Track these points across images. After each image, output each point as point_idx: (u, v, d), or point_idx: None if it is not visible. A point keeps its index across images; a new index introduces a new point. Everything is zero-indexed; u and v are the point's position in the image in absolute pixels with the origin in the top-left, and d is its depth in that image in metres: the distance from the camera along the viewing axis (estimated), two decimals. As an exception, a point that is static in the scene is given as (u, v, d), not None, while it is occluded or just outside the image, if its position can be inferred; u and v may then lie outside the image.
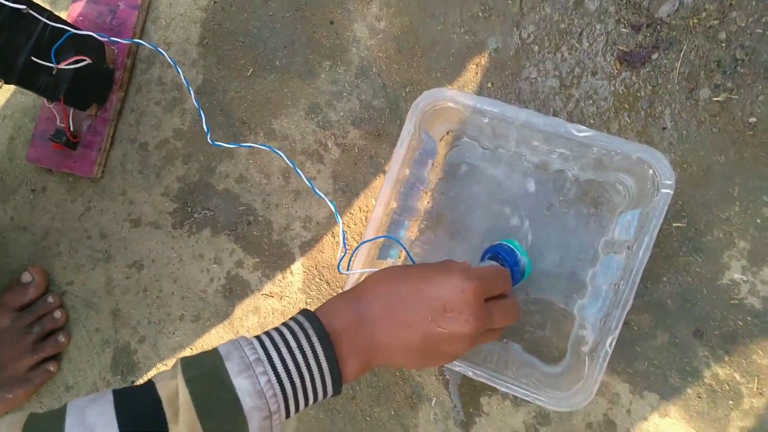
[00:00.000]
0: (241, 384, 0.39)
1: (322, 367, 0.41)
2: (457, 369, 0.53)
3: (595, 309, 0.54)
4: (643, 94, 0.61)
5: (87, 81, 0.71)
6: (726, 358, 0.59)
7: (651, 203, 0.48)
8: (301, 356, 0.41)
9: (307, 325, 0.42)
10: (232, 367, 0.39)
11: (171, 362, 0.72)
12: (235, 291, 0.71)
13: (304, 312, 0.44)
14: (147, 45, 0.60)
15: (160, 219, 0.75)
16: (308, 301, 0.69)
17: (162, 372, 0.42)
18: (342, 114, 0.70)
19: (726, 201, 0.59)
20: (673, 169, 0.48)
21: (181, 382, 0.39)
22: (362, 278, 0.54)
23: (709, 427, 0.59)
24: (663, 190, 0.48)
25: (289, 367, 0.40)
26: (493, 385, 0.52)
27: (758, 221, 0.59)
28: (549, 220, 0.62)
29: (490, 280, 0.47)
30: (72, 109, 0.74)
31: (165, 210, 0.75)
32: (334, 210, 0.56)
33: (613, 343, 0.49)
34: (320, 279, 0.69)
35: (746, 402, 0.58)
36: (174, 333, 0.72)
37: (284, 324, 0.44)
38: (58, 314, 0.74)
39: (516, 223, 0.62)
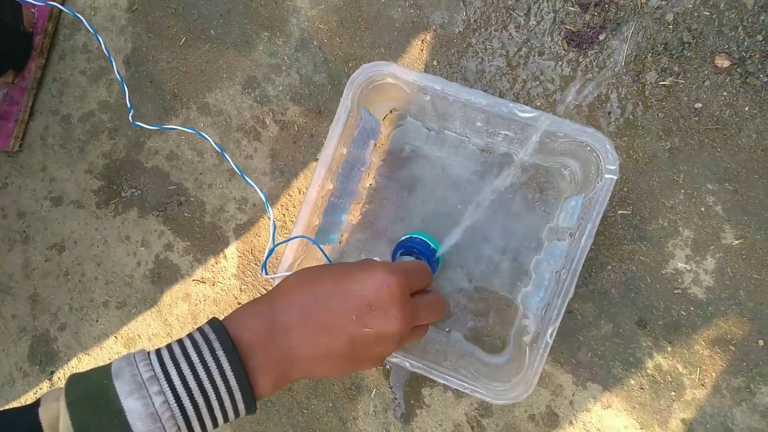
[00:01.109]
0: (131, 406, 0.35)
1: (229, 383, 0.38)
2: (394, 360, 0.52)
3: (537, 298, 0.54)
4: (590, 76, 0.61)
5: (2, 44, 0.67)
6: (669, 349, 0.60)
7: (594, 189, 0.48)
8: (204, 372, 0.37)
9: (212, 336, 0.39)
10: (122, 387, 0.36)
11: (94, 352, 0.70)
12: (164, 276, 0.69)
13: (211, 321, 0.41)
14: (66, 9, 0.57)
15: (83, 198, 0.72)
16: (243, 287, 0.68)
17: (51, 390, 0.38)
18: (281, 89, 0.68)
19: (671, 188, 0.60)
20: (617, 154, 0.48)
21: (62, 406, 0.35)
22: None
23: (651, 418, 0.60)
24: (606, 176, 0.48)
25: (190, 385, 0.37)
26: (430, 377, 0.51)
27: (702, 209, 0.60)
28: (494, 206, 0.62)
29: (414, 274, 0.45)
30: (-16, 76, 0.71)
31: (89, 188, 0.72)
32: (264, 200, 0.55)
33: (554, 334, 0.49)
34: (256, 264, 0.68)
35: (688, 393, 0.60)
36: (97, 320, 0.70)
37: (188, 335, 0.40)
38: (-31, 300, 0.71)
39: (460, 208, 0.62)
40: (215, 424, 0.38)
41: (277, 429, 0.66)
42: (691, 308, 0.60)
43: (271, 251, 0.54)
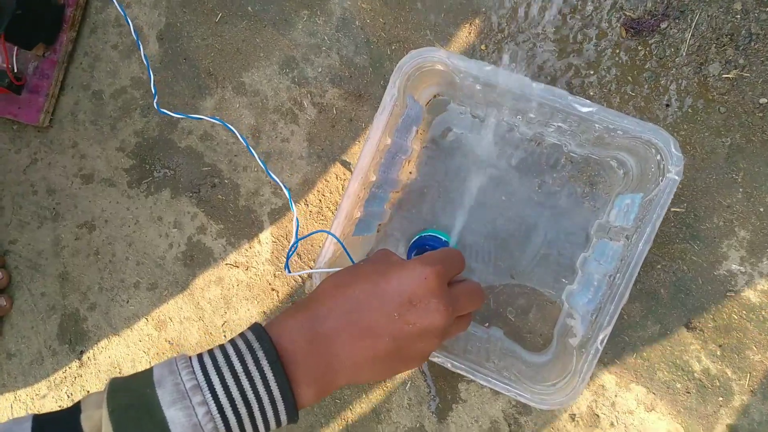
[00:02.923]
0: (174, 416, 0.36)
1: (273, 394, 0.39)
2: (436, 360, 0.53)
3: (585, 299, 0.55)
4: (648, 66, 0.61)
5: (32, 15, 0.69)
6: (718, 353, 0.61)
7: (654, 190, 0.49)
8: (247, 382, 0.38)
9: (255, 344, 0.40)
10: (164, 396, 0.37)
11: (124, 333, 0.73)
12: (197, 259, 0.71)
13: (254, 327, 0.42)
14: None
15: (114, 176, 0.74)
16: (277, 273, 0.70)
17: (92, 395, 0.39)
18: (320, 70, 0.69)
19: (729, 187, 0.61)
20: (681, 153, 0.48)
21: (105, 414, 0.36)
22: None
23: (696, 424, 0.61)
24: (669, 177, 0.48)
25: (233, 395, 0.38)
26: (474, 379, 0.53)
27: (761, 210, 0.60)
28: (539, 198, 0.62)
29: (448, 262, 0.46)
30: (16, 48, 0.73)
31: (120, 166, 0.74)
32: (288, 196, 0.56)
33: (605, 341, 0.49)
34: (290, 250, 0.70)
35: (737, 399, 0.61)
36: (128, 301, 0.73)
37: (230, 342, 0.41)
38: (-1, 276, 0.74)
39: (504, 200, 0.63)
40: None
41: (309, 418, 0.68)
42: (743, 312, 0.61)
43: (293, 248, 0.55)
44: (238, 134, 0.61)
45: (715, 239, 0.61)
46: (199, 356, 0.40)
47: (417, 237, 0.61)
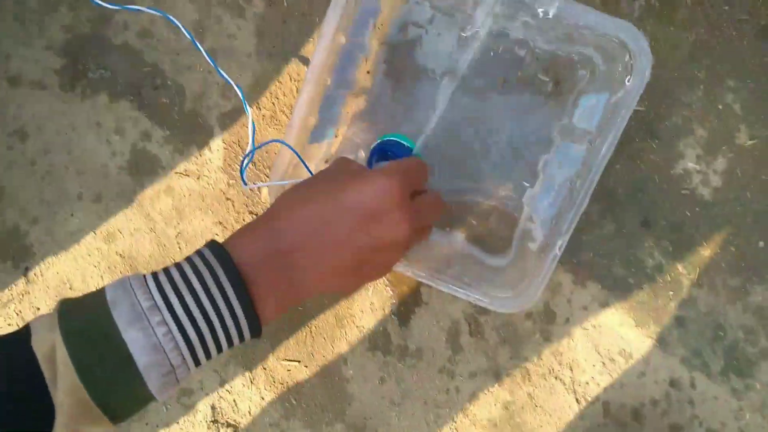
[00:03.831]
0: (133, 337, 0.36)
1: (235, 311, 0.39)
2: (398, 269, 0.54)
3: (545, 203, 0.56)
4: (619, -45, 0.60)
5: None
6: (670, 249, 0.65)
7: (620, 91, 0.49)
8: (207, 300, 0.38)
9: (214, 261, 0.39)
10: (120, 318, 0.36)
11: (72, 248, 0.71)
12: (143, 167, 0.69)
13: (211, 245, 0.41)
14: None
15: (45, 78, 0.69)
16: (230, 182, 0.68)
17: (41, 317, 0.38)
18: (268, -42, 0.65)
19: (690, 84, 0.61)
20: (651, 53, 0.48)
21: (58, 338, 0.35)
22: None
23: (647, 316, 0.65)
24: (637, 79, 0.48)
25: (194, 314, 0.37)
26: (434, 286, 0.54)
27: (719, 107, 0.62)
28: (502, 98, 0.62)
29: (411, 173, 0.46)
30: None
31: (50, 66, 0.69)
32: (242, 98, 0.53)
33: (563, 247, 0.51)
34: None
35: (685, 292, 0.65)
36: (72, 215, 0.70)
37: (187, 259, 0.40)
38: (-75, 190, 0.70)
39: (466, 99, 0.62)
40: (219, 351, 0.40)
41: (272, 325, 0.70)
42: (697, 209, 0.64)
43: (249, 157, 0.54)
44: (182, 27, 0.58)
45: (673, 138, 0.63)
46: (154, 275, 0.39)
47: (378, 142, 0.60)
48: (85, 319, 0.37)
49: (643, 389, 0.66)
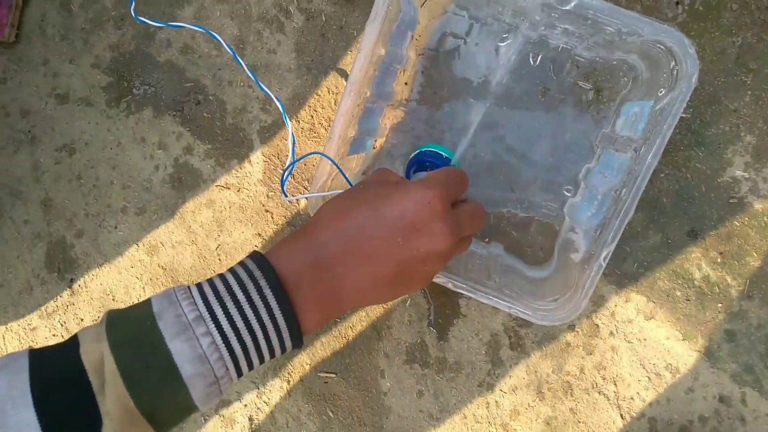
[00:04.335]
0: (178, 348, 0.37)
1: (277, 322, 0.40)
2: (438, 281, 0.54)
3: (588, 213, 0.56)
4: (659, -39, 0.60)
5: None
6: (719, 260, 0.63)
7: (666, 98, 0.48)
8: (251, 311, 0.39)
9: (257, 273, 0.40)
10: (166, 328, 0.37)
11: (115, 259, 0.73)
12: (185, 181, 0.71)
13: (254, 255, 0.42)
14: None
15: (92, 95, 0.72)
16: (270, 194, 0.70)
17: (88, 328, 0.39)
18: (307, -27, 0.67)
19: (737, 89, 0.61)
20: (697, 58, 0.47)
21: (106, 348, 0.37)
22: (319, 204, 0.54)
23: (695, 330, 0.64)
24: (684, 83, 0.47)
25: (238, 325, 0.38)
26: (475, 297, 0.54)
27: (769, 113, 0.61)
28: (542, 107, 0.62)
29: (451, 183, 0.46)
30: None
31: (97, 84, 0.72)
32: (282, 112, 0.55)
33: (608, 257, 0.51)
34: (283, 170, 0.70)
35: (735, 305, 0.63)
36: (116, 227, 0.73)
37: (230, 270, 0.41)
38: (-23, 204, 0.74)
39: (505, 109, 0.63)
40: (261, 362, 0.41)
41: (310, 338, 0.71)
42: (746, 218, 0.62)
43: (289, 169, 0.55)
44: (224, 43, 0.60)
45: (720, 145, 0.62)
46: (199, 286, 0.40)
47: (416, 152, 0.61)
48: (132, 330, 0.38)
49: (691, 405, 0.65)
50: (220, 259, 0.71)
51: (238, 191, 0.70)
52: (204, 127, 0.70)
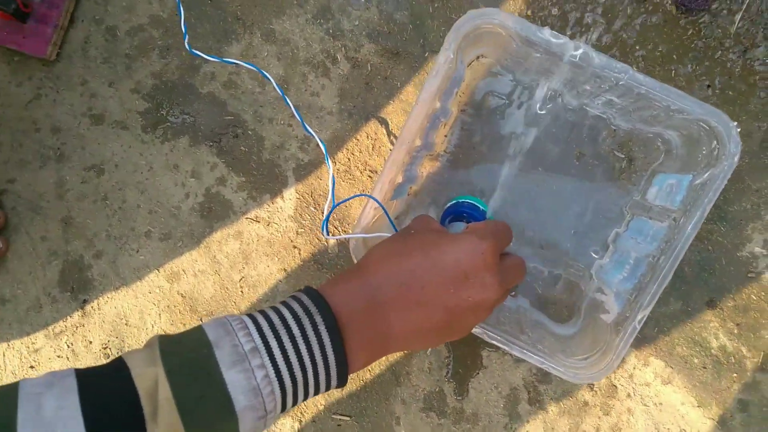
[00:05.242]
0: (233, 379, 0.38)
1: (328, 360, 0.41)
2: (476, 332, 0.57)
3: (620, 276, 0.60)
4: (694, 45, 0.65)
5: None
6: (735, 331, 0.67)
7: (706, 174, 0.53)
8: (305, 347, 0.40)
9: (313, 309, 0.41)
10: (223, 358, 0.38)
11: (133, 283, 0.74)
12: (215, 211, 0.73)
13: (308, 291, 0.43)
14: None
15: (128, 119, 0.74)
16: (299, 231, 0.72)
17: (134, 352, 0.40)
18: (357, 23, 0.71)
19: (760, 171, 0.66)
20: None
21: (161, 374, 0.37)
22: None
23: (710, 397, 0.67)
24: (726, 163, 0.51)
25: (291, 360, 0.39)
26: (509, 351, 0.57)
27: (789, 195, 0.66)
28: (576, 171, 0.66)
29: (500, 236, 0.49)
30: (29, -26, 0.72)
31: (135, 109, 0.74)
32: (324, 151, 0.58)
33: (644, 320, 0.54)
34: (315, 208, 0.72)
35: (749, 375, 0.67)
36: (138, 251, 0.74)
37: (284, 304, 0.43)
38: (-5, 216, 0.74)
39: (540, 170, 0.67)
40: (305, 398, 0.42)
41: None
42: (762, 293, 0.67)
43: (331, 210, 0.57)
44: (273, 82, 0.63)
45: (741, 221, 0.67)
46: (252, 317, 0.41)
47: (453, 202, 0.64)
48: (188, 357, 0.39)
49: (702, 474, 0.68)
50: (242, 292, 0.72)
51: (268, 225, 0.72)
52: (240, 160, 0.73)
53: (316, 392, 0.43)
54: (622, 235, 0.64)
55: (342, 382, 0.43)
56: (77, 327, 0.75)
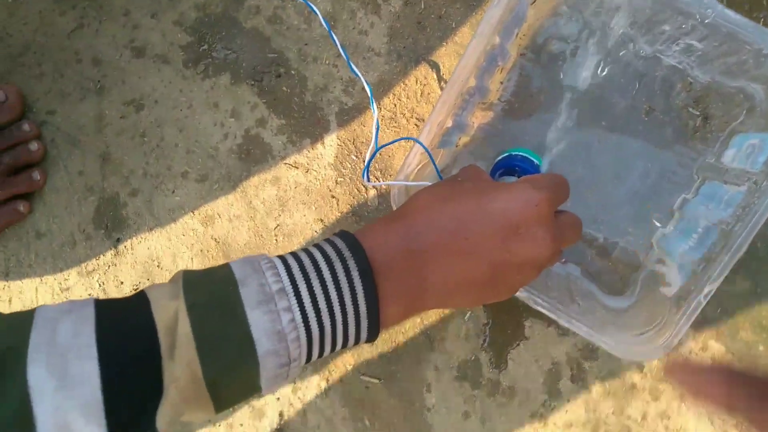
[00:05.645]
0: (258, 320, 0.35)
1: (359, 309, 0.38)
2: (520, 296, 0.53)
3: (686, 246, 0.54)
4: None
5: None
6: (812, 318, 0.61)
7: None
8: (335, 293, 0.37)
9: (347, 253, 0.38)
10: (248, 297, 0.36)
11: (167, 225, 0.72)
12: (253, 154, 0.70)
13: (343, 235, 0.40)
14: None
15: (169, 52, 0.72)
16: (339, 180, 0.69)
17: (158, 286, 0.38)
18: (413, -43, 0.66)
19: None
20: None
21: (182, 308, 0.35)
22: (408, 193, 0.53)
23: (776, 389, 0.61)
24: None
25: (320, 306, 0.37)
26: (559, 320, 0.52)
27: None
28: (644, 128, 0.60)
29: (559, 190, 0.45)
30: None
31: (177, 42, 0.72)
32: (370, 94, 0.53)
33: (710, 295, 0.49)
34: (356, 156, 0.68)
35: (825, 368, 0.61)
36: (174, 191, 0.72)
37: (317, 246, 0.40)
38: (34, 146, 0.73)
39: (604, 124, 0.61)
40: (333, 349, 0.39)
41: (357, 336, 0.69)
42: None
43: (374, 154, 0.53)
44: (320, 17, 0.59)
45: (831, 196, 0.60)
46: (282, 258, 0.39)
47: (505, 155, 0.59)
48: (212, 293, 0.36)
49: (761, 472, 0.62)
50: (276, 240, 0.70)
51: (307, 172, 0.69)
52: (281, 101, 0.69)
53: (345, 344, 0.40)
54: (690, 201, 0.58)
55: (373, 336, 0.40)
56: (109, 266, 0.74)
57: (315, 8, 0.61)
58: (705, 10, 0.46)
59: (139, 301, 0.37)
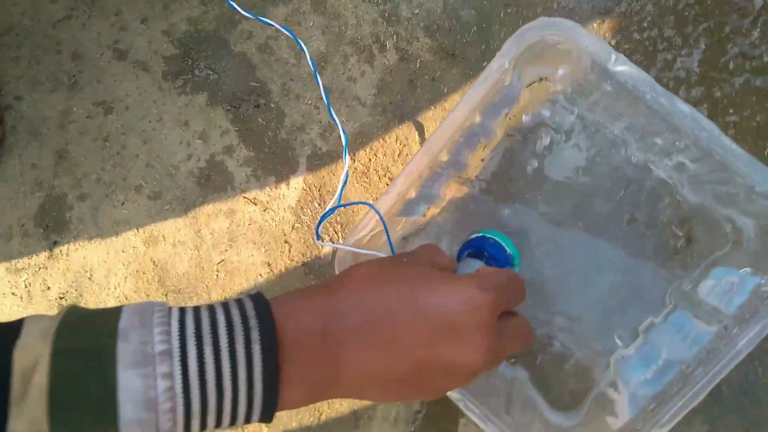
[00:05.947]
0: (128, 382, 0.30)
1: (254, 388, 0.33)
2: (453, 397, 0.48)
3: (642, 376, 0.49)
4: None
5: None
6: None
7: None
8: (229, 365, 0.32)
9: (252, 321, 0.34)
10: (124, 353, 0.31)
11: (109, 237, 0.68)
12: (214, 181, 0.66)
13: (256, 298, 0.36)
14: None
15: (151, 61, 0.69)
16: (296, 225, 0.65)
17: (39, 317, 0.33)
18: (417, 12, 0.63)
19: None
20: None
21: (45, 354, 0.30)
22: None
23: None
24: None
25: (207, 377, 0.32)
26: (485, 429, 0.47)
27: None
28: (623, 237, 0.56)
29: (507, 292, 0.40)
30: None
31: (161, 52, 0.69)
32: (344, 143, 0.50)
33: (656, 442, 0.44)
34: (319, 205, 0.64)
35: None
36: (123, 204, 0.68)
37: (223, 305, 0.35)
38: (-7, 129, 0.70)
39: (581, 225, 0.57)
40: (218, 426, 0.34)
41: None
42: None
43: (332, 210, 0.50)
44: (308, 55, 0.56)
45: (809, 349, 0.55)
46: (182, 312, 0.34)
47: (479, 235, 0.55)
48: (85, 340, 0.32)
49: None
50: (217, 276, 0.66)
51: (264, 211, 0.65)
52: (254, 133, 0.66)
53: (233, 422, 0.35)
54: (656, 327, 0.54)
55: (267, 418, 0.35)
56: (40, 268, 0.69)
57: (303, 45, 0.58)
58: (699, 132, 0.42)
59: (9, 331, 0.32)
